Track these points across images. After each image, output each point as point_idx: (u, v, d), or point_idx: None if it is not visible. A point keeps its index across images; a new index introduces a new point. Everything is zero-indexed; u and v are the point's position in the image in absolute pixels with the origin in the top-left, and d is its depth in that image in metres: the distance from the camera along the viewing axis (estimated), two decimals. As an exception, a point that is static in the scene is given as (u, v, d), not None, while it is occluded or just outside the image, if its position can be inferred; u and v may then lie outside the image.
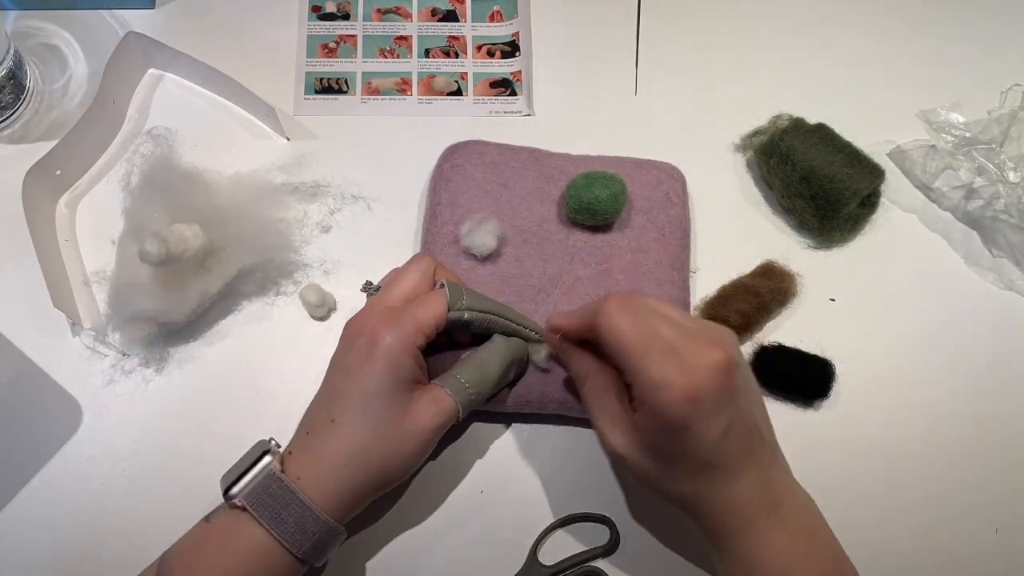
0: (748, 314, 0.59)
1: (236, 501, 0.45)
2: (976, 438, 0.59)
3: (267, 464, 0.46)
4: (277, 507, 0.45)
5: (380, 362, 0.46)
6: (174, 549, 0.46)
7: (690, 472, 0.45)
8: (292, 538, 0.44)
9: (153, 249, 0.52)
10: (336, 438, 0.47)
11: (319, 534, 0.45)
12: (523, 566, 0.54)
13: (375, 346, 0.47)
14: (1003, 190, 0.64)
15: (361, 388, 0.47)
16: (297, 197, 0.63)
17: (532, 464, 0.57)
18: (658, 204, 0.60)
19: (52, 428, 0.56)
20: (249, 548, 0.44)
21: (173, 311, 0.55)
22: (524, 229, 0.59)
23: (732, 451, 0.44)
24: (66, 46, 0.68)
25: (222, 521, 0.46)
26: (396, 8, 0.71)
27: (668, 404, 0.42)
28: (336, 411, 0.47)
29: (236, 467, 0.47)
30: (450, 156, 0.61)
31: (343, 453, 0.46)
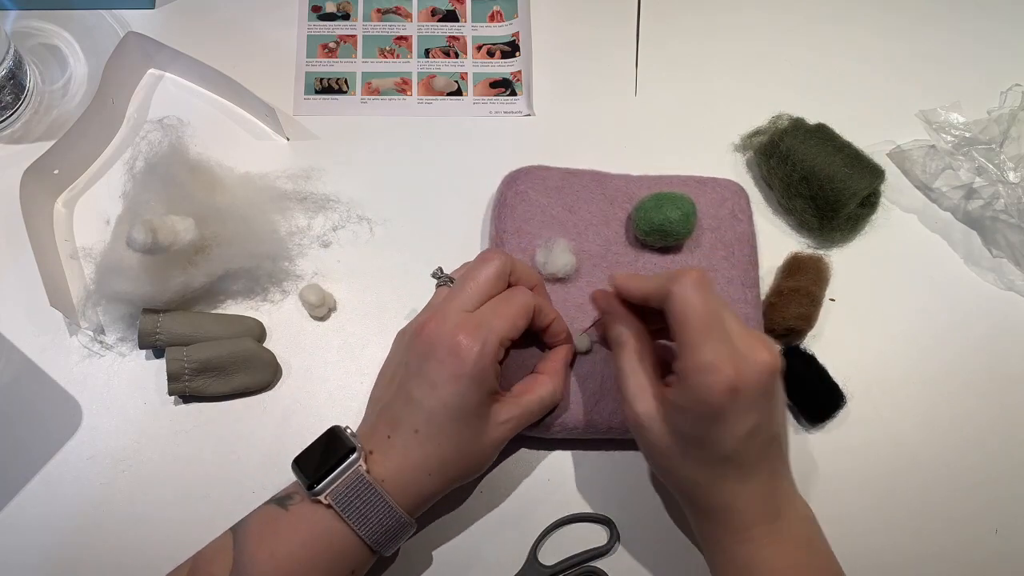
0: (806, 316, 0.58)
1: (323, 499, 0.45)
2: (976, 438, 0.59)
3: (354, 463, 0.46)
4: (364, 508, 0.46)
5: (465, 380, 0.46)
6: (250, 532, 0.46)
7: (706, 461, 0.45)
8: (373, 534, 0.46)
9: (139, 237, 0.52)
10: (420, 449, 0.47)
11: (399, 532, 0.47)
12: (523, 566, 0.54)
13: (461, 362, 0.46)
14: (1003, 190, 0.64)
15: (446, 404, 0.46)
16: (304, 207, 0.63)
17: (532, 464, 0.57)
18: (725, 222, 0.60)
19: (52, 428, 0.56)
20: (331, 544, 0.46)
21: (152, 297, 0.56)
22: (593, 253, 0.59)
23: (752, 451, 0.45)
24: (66, 46, 0.68)
25: (300, 511, 0.46)
26: (396, 8, 0.71)
27: (711, 387, 0.42)
28: (420, 423, 0.47)
29: (313, 455, 0.47)
30: (512, 183, 0.61)
31: (425, 464, 0.47)
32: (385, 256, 0.62)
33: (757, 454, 0.45)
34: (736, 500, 0.45)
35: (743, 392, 0.43)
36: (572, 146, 0.66)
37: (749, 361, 0.43)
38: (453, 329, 0.47)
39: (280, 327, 0.59)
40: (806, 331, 0.59)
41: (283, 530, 0.46)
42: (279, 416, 0.57)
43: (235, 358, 0.56)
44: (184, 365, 0.55)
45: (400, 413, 0.48)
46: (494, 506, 0.55)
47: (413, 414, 0.47)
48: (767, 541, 0.46)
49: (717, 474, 0.45)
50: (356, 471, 0.46)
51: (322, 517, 0.46)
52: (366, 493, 0.46)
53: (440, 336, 0.47)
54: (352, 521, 0.45)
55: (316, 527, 0.46)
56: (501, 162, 0.63)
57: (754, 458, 0.45)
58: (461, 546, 0.54)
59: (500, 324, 0.47)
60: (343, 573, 0.46)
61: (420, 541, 0.54)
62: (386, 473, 0.47)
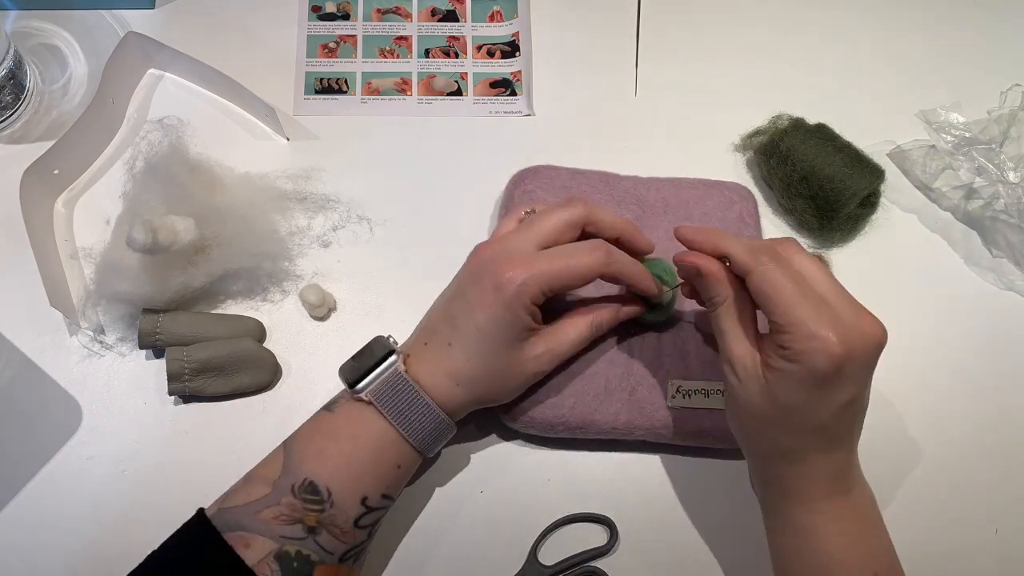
0: None
1: (363, 396, 0.48)
2: (976, 438, 0.59)
3: (393, 363, 0.48)
4: (402, 404, 0.48)
5: (499, 309, 0.48)
6: (299, 436, 0.49)
7: (798, 428, 0.45)
8: (415, 432, 0.48)
9: (139, 237, 0.52)
10: (450, 361, 0.49)
11: (437, 430, 0.49)
12: (523, 566, 0.54)
13: (499, 293, 0.47)
14: (1003, 190, 0.64)
15: (479, 327, 0.48)
16: (304, 207, 0.63)
17: (532, 464, 0.57)
18: (732, 225, 0.60)
19: (52, 428, 0.56)
20: (374, 438, 0.48)
21: (152, 297, 0.56)
22: None
23: (844, 423, 0.45)
24: (66, 46, 0.68)
25: (345, 410, 0.49)
26: (396, 8, 0.71)
27: (819, 354, 0.42)
28: (453, 338, 0.49)
29: (358, 361, 0.49)
30: (519, 182, 0.61)
31: (455, 375, 0.49)
32: (385, 256, 0.62)
33: (848, 426, 0.46)
34: (816, 470, 0.46)
35: (848, 362, 0.42)
36: (572, 146, 0.66)
37: (856, 332, 0.43)
38: (503, 262, 0.48)
39: (280, 327, 0.59)
40: None
41: (329, 429, 0.48)
42: (279, 416, 0.57)
43: (235, 358, 0.56)
44: (184, 365, 0.55)
45: (438, 326, 0.50)
46: (494, 506, 0.55)
47: (449, 329, 0.49)
48: (836, 515, 0.46)
49: (805, 442, 0.45)
50: (395, 370, 0.48)
51: (364, 414, 0.48)
52: (404, 390, 0.48)
53: (489, 264, 0.49)
54: (391, 416, 0.47)
55: (359, 423, 0.48)
56: (501, 162, 0.63)
57: (845, 429, 0.45)
58: (461, 546, 0.54)
59: (547, 274, 0.48)
60: (390, 467, 0.48)
61: (420, 541, 0.54)
62: (420, 375, 0.49)
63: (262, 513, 0.45)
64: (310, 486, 0.46)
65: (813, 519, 0.46)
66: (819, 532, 0.46)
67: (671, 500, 0.56)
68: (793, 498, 0.47)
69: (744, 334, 0.47)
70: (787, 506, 0.47)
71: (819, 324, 0.42)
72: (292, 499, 0.45)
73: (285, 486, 0.46)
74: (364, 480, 0.47)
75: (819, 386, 0.43)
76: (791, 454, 0.46)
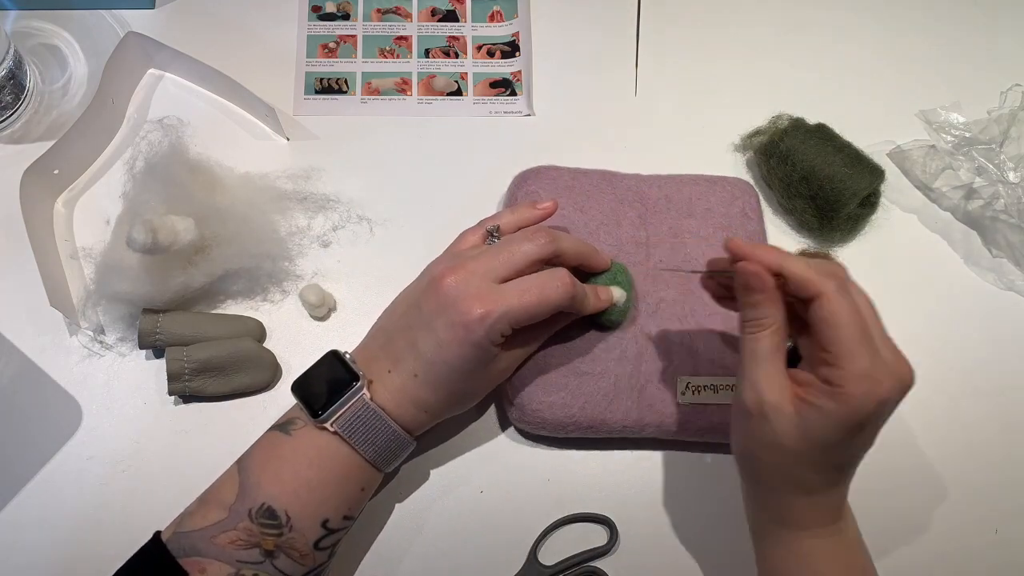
0: None
1: (329, 427, 0.47)
2: (976, 438, 0.59)
3: (358, 390, 0.47)
4: (369, 432, 0.47)
5: (468, 348, 0.47)
6: (254, 457, 0.48)
7: (824, 465, 0.44)
8: (378, 455, 0.48)
9: (139, 237, 0.52)
10: (416, 391, 0.48)
11: (400, 450, 0.49)
12: (523, 566, 0.54)
13: (468, 332, 0.46)
14: (1003, 190, 0.64)
15: (446, 360, 0.47)
16: (304, 207, 0.63)
17: (532, 464, 0.57)
18: (735, 220, 0.60)
19: (52, 428, 0.56)
20: (338, 464, 0.47)
21: (152, 297, 0.56)
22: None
23: (857, 461, 0.45)
24: (66, 46, 0.68)
25: (304, 436, 0.48)
26: (396, 8, 0.71)
27: (868, 397, 0.41)
28: (420, 369, 0.48)
29: (315, 383, 0.48)
30: (522, 183, 0.61)
31: (420, 403, 0.49)
32: (385, 256, 0.62)
33: (858, 462, 0.45)
34: (823, 501, 0.46)
35: (887, 405, 0.42)
36: (572, 146, 0.66)
37: (896, 373, 0.42)
38: (471, 296, 0.47)
39: (280, 327, 0.59)
40: None
41: (287, 454, 0.47)
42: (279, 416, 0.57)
43: (235, 358, 0.56)
44: (184, 365, 0.55)
45: (403, 354, 0.49)
46: (494, 506, 0.55)
47: (415, 360, 0.48)
48: (831, 540, 0.46)
49: (826, 479, 0.45)
50: (361, 399, 0.47)
51: (327, 441, 0.47)
52: (371, 419, 0.47)
53: (456, 297, 0.47)
54: (358, 444, 0.47)
55: (321, 450, 0.47)
56: (501, 162, 0.64)
57: (854, 468, 0.46)
58: (461, 546, 0.54)
59: (516, 309, 0.47)
60: (353, 491, 0.48)
61: (420, 541, 0.54)
62: (385, 401, 0.48)
63: (218, 538, 0.44)
64: (268, 511, 0.45)
65: (812, 544, 0.46)
66: (816, 557, 0.46)
67: (671, 500, 0.56)
68: (794, 525, 0.46)
69: (780, 364, 0.45)
70: (786, 532, 0.47)
71: (872, 364, 0.41)
72: (249, 523, 0.45)
73: (242, 510, 0.45)
74: (326, 504, 0.47)
75: (856, 428, 0.42)
76: (805, 487, 0.45)
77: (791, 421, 0.43)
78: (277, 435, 0.48)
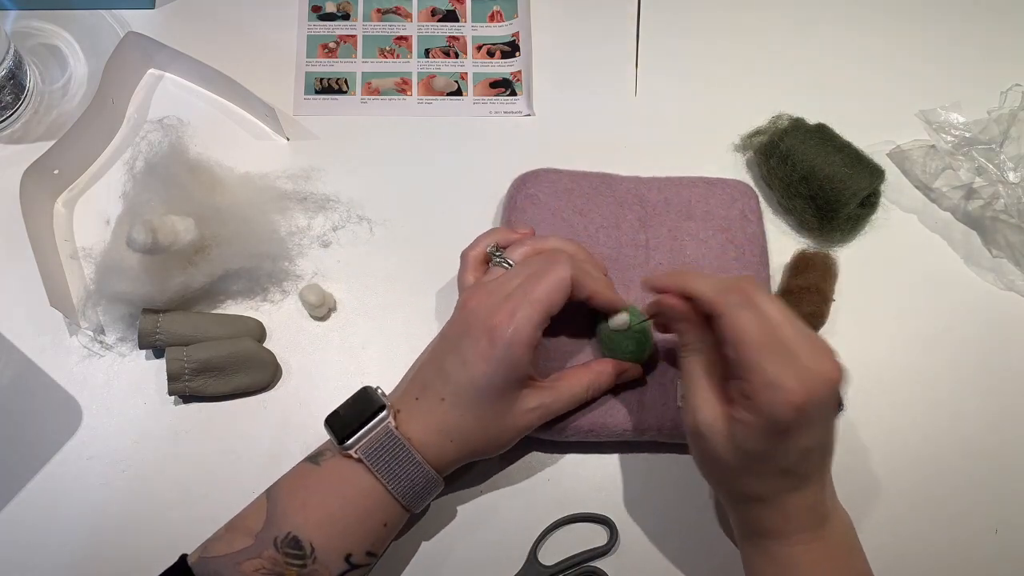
0: (818, 314, 0.59)
1: (353, 453, 0.47)
2: (976, 438, 0.59)
3: (383, 419, 0.48)
4: (392, 462, 0.47)
5: (495, 363, 0.47)
6: (282, 487, 0.48)
7: (765, 473, 0.45)
8: (402, 490, 0.47)
9: (139, 237, 0.52)
10: (444, 416, 0.48)
11: (427, 487, 0.49)
12: (523, 566, 0.54)
13: (493, 345, 0.47)
14: (1003, 190, 0.64)
15: (474, 381, 0.47)
16: (304, 207, 0.63)
17: (532, 464, 0.57)
18: (735, 222, 0.60)
19: (52, 428, 0.56)
20: (362, 495, 0.47)
21: (152, 297, 0.56)
22: (604, 256, 0.58)
23: (811, 463, 0.45)
24: (66, 46, 0.68)
25: (332, 466, 0.48)
26: (396, 8, 0.71)
27: (779, 405, 0.42)
28: (447, 392, 0.48)
29: (346, 414, 0.48)
30: (522, 186, 0.61)
31: (448, 430, 0.48)
32: (385, 256, 0.62)
33: (815, 464, 0.46)
34: (790, 507, 0.46)
35: (809, 407, 0.42)
36: (572, 146, 0.66)
37: (815, 374, 0.42)
38: (492, 312, 0.48)
39: (280, 327, 0.59)
40: (818, 328, 0.59)
41: (314, 484, 0.48)
42: (279, 416, 0.57)
43: (235, 358, 0.56)
44: (184, 365, 0.55)
45: (430, 380, 0.49)
46: (494, 506, 0.55)
47: (442, 383, 0.48)
48: (812, 546, 0.46)
49: (774, 486, 0.45)
50: (385, 427, 0.47)
51: (353, 471, 0.47)
52: (394, 448, 0.47)
53: (479, 317, 0.48)
54: (381, 474, 0.47)
55: (347, 480, 0.47)
56: (501, 162, 0.64)
57: (812, 468, 0.45)
58: (461, 545, 0.54)
59: (534, 308, 0.47)
60: (376, 525, 0.47)
61: (420, 541, 0.54)
62: (411, 432, 0.48)
63: (243, 565, 0.45)
64: (293, 540, 0.45)
65: (790, 551, 0.46)
66: (797, 563, 0.46)
67: (671, 500, 0.56)
68: (768, 535, 0.47)
69: (709, 384, 0.47)
70: (763, 541, 0.47)
71: (780, 371, 0.42)
72: (274, 552, 0.45)
73: (268, 539, 0.45)
74: (349, 537, 0.46)
75: (781, 434, 0.43)
76: (761, 497, 0.46)
77: (724, 436, 0.45)
78: (307, 465, 0.49)
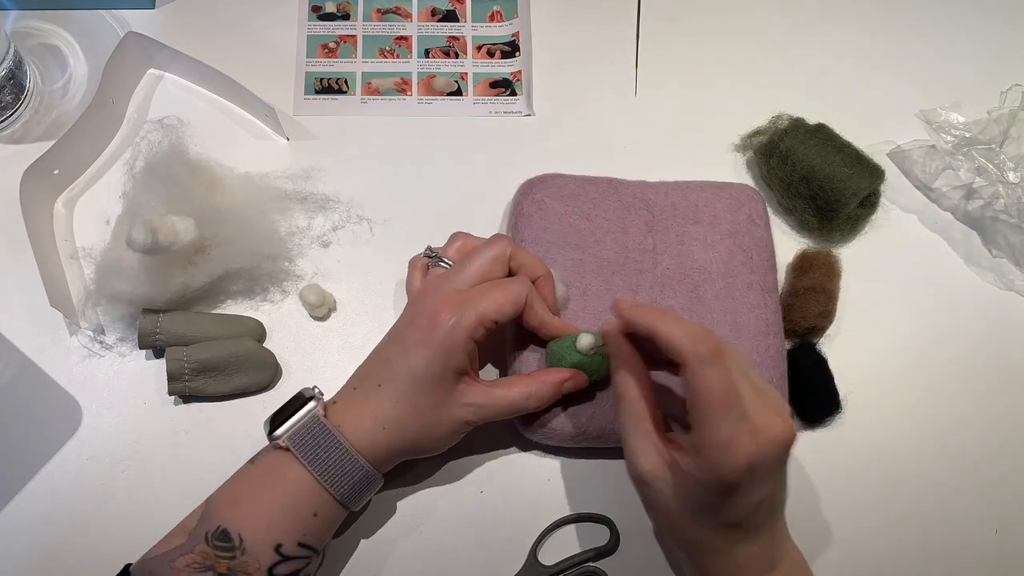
0: (826, 313, 0.59)
1: (280, 442, 0.47)
2: (976, 438, 0.59)
3: (311, 409, 0.48)
4: (319, 449, 0.47)
5: (435, 348, 0.48)
6: (220, 488, 0.49)
7: (712, 525, 0.45)
8: (332, 479, 0.47)
9: (139, 237, 0.52)
10: (379, 403, 0.49)
11: (357, 478, 0.48)
12: (523, 566, 0.54)
13: (434, 331, 0.48)
14: (1003, 190, 0.64)
15: (411, 367, 0.48)
16: (304, 207, 0.63)
17: (532, 464, 0.57)
18: (742, 227, 0.60)
19: (52, 428, 0.56)
20: (291, 486, 0.47)
21: (152, 297, 0.56)
22: (610, 260, 0.58)
23: (760, 517, 0.45)
24: (66, 46, 0.68)
25: (266, 461, 0.49)
26: (396, 8, 0.71)
27: (728, 465, 0.42)
28: (384, 379, 0.49)
29: (280, 411, 0.49)
30: (528, 192, 0.60)
31: (382, 417, 0.49)
32: (385, 256, 0.62)
33: (765, 517, 0.46)
34: (738, 558, 0.46)
35: (759, 467, 0.42)
36: (572, 146, 0.66)
37: (765, 435, 0.42)
38: (439, 303, 0.49)
39: (280, 327, 0.59)
40: (826, 328, 0.59)
41: (247, 479, 0.48)
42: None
43: (235, 358, 0.56)
44: (184, 365, 0.55)
45: (370, 370, 0.50)
46: (494, 506, 0.55)
47: (381, 371, 0.50)
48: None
49: (723, 537, 0.45)
50: (313, 414, 0.48)
51: (282, 461, 0.47)
52: (321, 435, 0.47)
53: (425, 307, 0.49)
54: (307, 461, 0.47)
55: (276, 471, 0.48)
56: (501, 162, 0.64)
57: (761, 521, 0.45)
58: (461, 546, 0.54)
59: (482, 304, 0.48)
60: (306, 514, 0.47)
61: (420, 541, 0.54)
62: (342, 420, 0.48)
63: (176, 561, 0.45)
64: (222, 533, 0.46)
65: None
66: None
67: (671, 500, 0.56)
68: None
69: (648, 431, 0.46)
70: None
71: (734, 432, 0.41)
72: (205, 547, 0.45)
73: (200, 534, 0.46)
74: (278, 528, 0.46)
75: (729, 491, 0.43)
76: (708, 546, 0.46)
77: (669, 485, 0.45)
78: (245, 466, 0.49)
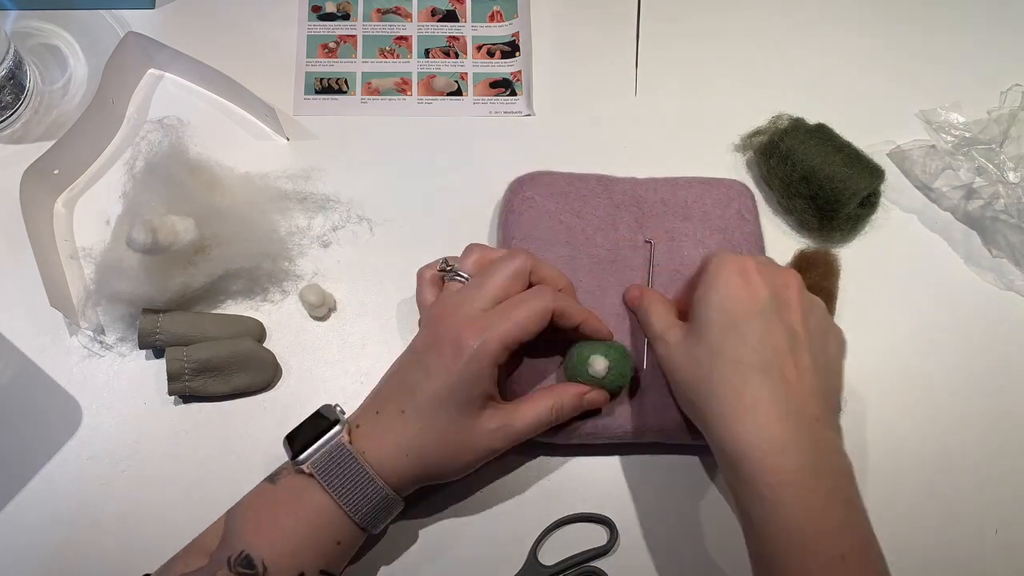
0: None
1: (304, 468, 0.47)
2: (976, 438, 0.59)
3: (336, 434, 0.47)
4: (344, 477, 0.46)
5: (458, 375, 0.47)
6: (240, 506, 0.48)
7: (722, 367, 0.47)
8: (355, 507, 0.47)
9: (139, 237, 0.52)
10: (403, 429, 0.48)
11: (380, 504, 0.47)
12: (523, 566, 0.54)
13: (458, 356, 0.47)
14: (1003, 190, 0.64)
15: (436, 393, 0.47)
16: (304, 207, 0.63)
17: (532, 464, 0.57)
18: (732, 222, 0.60)
19: (52, 428, 0.56)
20: (314, 513, 0.46)
21: (152, 297, 0.56)
22: (601, 258, 0.59)
23: (766, 351, 0.47)
24: (66, 46, 0.68)
25: (287, 483, 0.48)
26: (396, 8, 0.71)
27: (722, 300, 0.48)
28: (408, 405, 0.48)
29: (302, 431, 0.48)
30: (519, 189, 0.60)
31: (406, 444, 0.48)
32: (385, 256, 0.62)
33: (770, 353, 0.47)
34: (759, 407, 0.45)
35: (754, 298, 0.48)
36: (572, 146, 0.66)
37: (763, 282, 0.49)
38: (459, 325, 0.48)
39: (280, 327, 0.59)
40: None
41: (269, 502, 0.47)
42: (279, 416, 0.57)
43: (235, 358, 0.56)
44: (184, 365, 0.55)
45: (392, 393, 0.49)
46: (494, 506, 0.55)
47: (403, 396, 0.48)
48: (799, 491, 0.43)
49: (738, 379, 0.46)
50: (338, 441, 0.47)
51: (306, 487, 0.47)
52: (346, 462, 0.47)
53: (446, 329, 0.48)
54: (332, 490, 0.46)
55: (300, 497, 0.47)
56: (501, 162, 0.64)
57: (768, 357, 0.47)
58: (461, 546, 0.54)
59: (506, 326, 0.47)
60: (328, 543, 0.47)
61: (420, 541, 0.54)
62: (367, 446, 0.48)
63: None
64: (245, 559, 0.45)
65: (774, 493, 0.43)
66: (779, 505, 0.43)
67: (671, 500, 0.56)
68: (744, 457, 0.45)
69: (668, 314, 0.53)
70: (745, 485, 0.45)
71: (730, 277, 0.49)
72: (227, 571, 0.45)
73: (221, 558, 0.45)
74: (301, 555, 0.46)
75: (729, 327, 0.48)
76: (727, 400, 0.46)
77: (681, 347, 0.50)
78: (265, 485, 0.48)
